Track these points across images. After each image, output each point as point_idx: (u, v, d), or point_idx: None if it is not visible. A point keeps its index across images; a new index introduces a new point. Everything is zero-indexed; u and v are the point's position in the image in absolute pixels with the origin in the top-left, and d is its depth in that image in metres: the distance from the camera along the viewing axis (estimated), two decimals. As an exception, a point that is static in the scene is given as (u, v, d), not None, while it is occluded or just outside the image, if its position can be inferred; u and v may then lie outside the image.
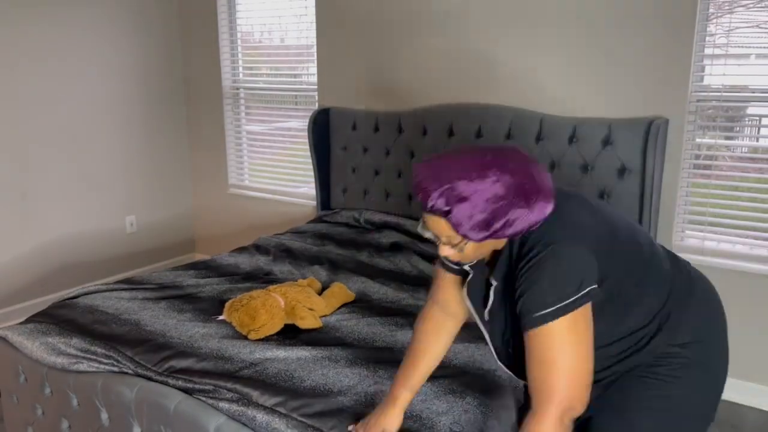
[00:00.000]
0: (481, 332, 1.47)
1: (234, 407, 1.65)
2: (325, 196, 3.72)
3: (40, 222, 3.72)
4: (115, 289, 2.47)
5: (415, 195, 1.24)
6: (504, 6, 3.06)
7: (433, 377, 1.78)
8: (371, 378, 1.79)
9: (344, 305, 2.36)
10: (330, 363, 1.87)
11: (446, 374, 1.80)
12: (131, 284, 2.54)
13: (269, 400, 1.67)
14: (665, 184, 2.84)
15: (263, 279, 2.64)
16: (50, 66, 3.66)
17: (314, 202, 3.96)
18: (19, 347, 2.11)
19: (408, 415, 1.58)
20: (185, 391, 1.77)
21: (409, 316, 2.23)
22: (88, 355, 1.98)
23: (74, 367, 1.95)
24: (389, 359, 1.91)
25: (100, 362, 1.94)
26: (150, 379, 1.85)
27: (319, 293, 2.38)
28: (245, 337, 2.05)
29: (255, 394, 1.70)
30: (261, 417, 1.62)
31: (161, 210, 4.41)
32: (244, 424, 1.63)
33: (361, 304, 2.37)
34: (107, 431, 1.90)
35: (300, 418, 1.60)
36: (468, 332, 2.08)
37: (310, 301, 2.20)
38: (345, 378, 1.78)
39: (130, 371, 1.89)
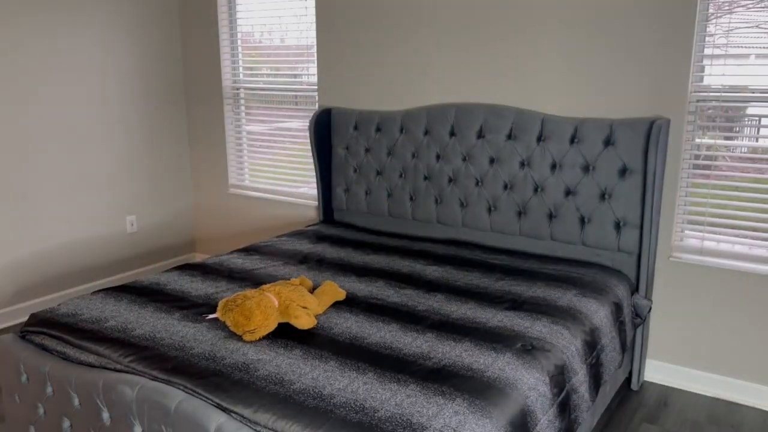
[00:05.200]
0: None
1: (222, 418, 1.66)
2: (326, 197, 3.73)
3: (41, 222, 3.72)
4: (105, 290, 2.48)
5: None
6: (506, 6, 3.06)
7: (422, 380, 1.79)
8: (360, 380, 1.79)
9: (335, 303, 2.38)
10: (320, 364, 1.88)
11: (435, 377, 1.81)
12: (119, 291, 2.55)
13: (258, 411, 1.67)
14: (665, 184, 2.84)
15: (254, 279, 2.65)
16: (50, 66, 3.66)
17: (315, 203, 3.96)
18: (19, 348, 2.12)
19: (398, 421, 1.59)
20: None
21: (397, 314, 2.26)
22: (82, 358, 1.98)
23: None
24: (379, 360, 1.92)
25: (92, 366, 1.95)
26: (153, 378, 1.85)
27: (311, 291, 2.40)
28: (238, 337, 2.06)
29: (243, 404, 1.70)
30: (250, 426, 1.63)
31: (162, 210, 4.41)
32: (244, 425, 1.64)
33: (350, 302, 2.39)
34: (108, 430, 1.90)
35: (291, 428, 1.60)
36: (455, 334, 2.10)
37: (304, 300, 2.21)
38: (335, 381, 1.78)
39: (128, 370, 1.90)
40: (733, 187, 2.75)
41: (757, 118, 2.74)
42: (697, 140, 2.79)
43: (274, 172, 4.19)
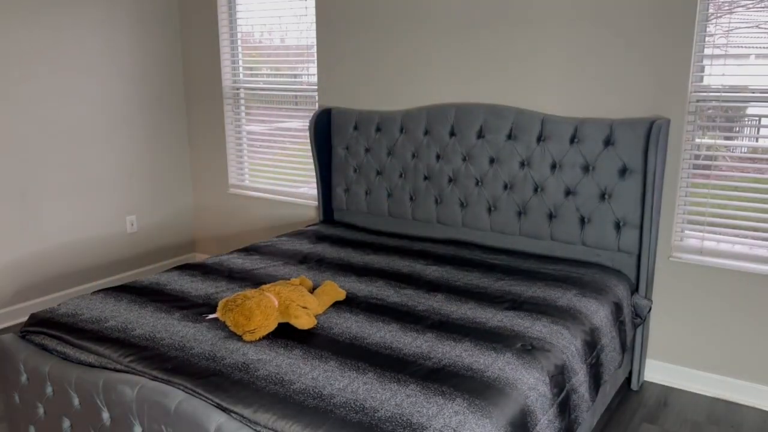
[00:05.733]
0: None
1: (222, 418, 1.66)
2: (326, 197, 3.73)
3: (41, 222, 3.72)
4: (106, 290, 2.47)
5: None
6: (506, 6, 3.06)
7: (422, 380, 1.79)
8: (360, 380, 1.79)
9: (335, 303, 2.38)
10: (320, 364, 1.88)
11: (435, 377, 1.81)
12: (119, 290, 2.54)
13: (258, 411, 1.67)
14: (665, 184, 2.84)
15: (254, 278, 2.65)
16: (51, 66, 3.66)
17: (315, 203, 3.96)
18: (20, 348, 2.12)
19: (398, 421, 1.59)
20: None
21: (397, 314, 2.26)
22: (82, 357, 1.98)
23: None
24: (379, 360, 1.91)
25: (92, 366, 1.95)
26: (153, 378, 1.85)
27: (311, 291, 2.40)
28: (238, 337, 2.06)
29: (243, 404, 1.70)
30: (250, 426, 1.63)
31: (162, 210, 4.41)
32: (244, 425, 1.64)
33: (350, 302, 2.39)
34: (108, 430, 1.90)
35: (291, 428, 1.60)
36: (455, 334, 2.10)
37: (304, 300, 2.21)
38: (335, 381, 1.78)
39: (128, 370, 1.90)
40: (733, 187, 2.75)
41: (757, 118, 2.74)
42: (697, 140, 2.79)
43: (274, 172, 4.19)
